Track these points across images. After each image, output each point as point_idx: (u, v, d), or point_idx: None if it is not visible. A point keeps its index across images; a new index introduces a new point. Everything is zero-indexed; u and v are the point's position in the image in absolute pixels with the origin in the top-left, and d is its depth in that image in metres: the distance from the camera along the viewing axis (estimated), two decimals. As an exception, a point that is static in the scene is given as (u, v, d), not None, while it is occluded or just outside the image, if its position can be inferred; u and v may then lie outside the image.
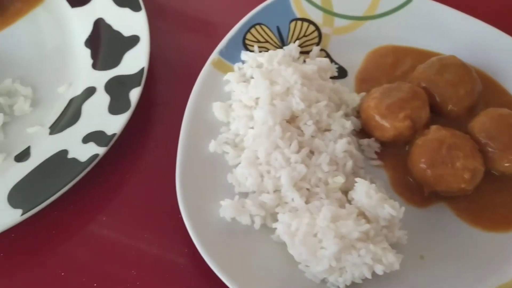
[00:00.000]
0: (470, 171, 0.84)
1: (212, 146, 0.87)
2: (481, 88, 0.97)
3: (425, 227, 0.86)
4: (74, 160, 0.84)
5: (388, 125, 0.89)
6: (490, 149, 0.89)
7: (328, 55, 1.03)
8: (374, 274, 0.76)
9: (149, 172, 0.90)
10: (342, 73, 1.02)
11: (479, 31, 1.04)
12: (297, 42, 1.00)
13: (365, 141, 0.92)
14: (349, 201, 0.83)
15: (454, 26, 1.05)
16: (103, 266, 0.82)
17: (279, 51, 0.96)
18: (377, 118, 0.90)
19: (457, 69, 0.96)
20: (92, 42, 0.99)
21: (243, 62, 0.97)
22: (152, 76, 0.99)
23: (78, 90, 0.94)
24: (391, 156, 0.93)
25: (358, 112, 0.96)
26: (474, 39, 1.03)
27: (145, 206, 0.87)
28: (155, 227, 0.85)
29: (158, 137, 0.94)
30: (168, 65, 1.02)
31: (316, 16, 1.04)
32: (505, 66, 1.01)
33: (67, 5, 1.04)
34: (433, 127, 0.90)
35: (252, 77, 0.92)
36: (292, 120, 0.89)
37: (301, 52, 1.01)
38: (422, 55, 1.03)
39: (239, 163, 0.85)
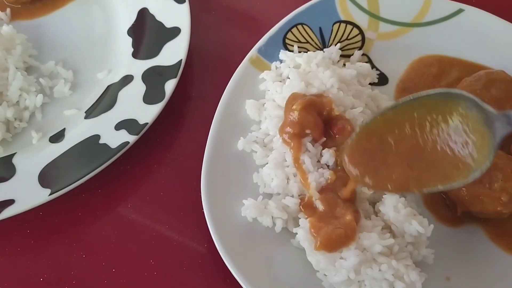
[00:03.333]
0: (508, 194, 0.79)
1: (241, 144, 0.86)
2: (530, 107, 0.91)
3: (454, 248, 0.83)
4: (105, 145, 0.85)
5: (425, 137, 0.86)
6: (533, 172, 0.84)
7: (369, 61, 1.00)
8: (394, 291, 0.73)
9: (176, 164, 0.91)
10: (382, 80, 0.99)
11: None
12: (339, 45, 0.97)
13: (399, 152, 0.89)
14: (376, 213, 0.80)
15: (506, 39, 0.99)
16: (123, 252, 0.83)
17: (319, 53, 0.94)
18: (415, 129, 0.86)
19: (505, 85, 0.91)
20: (135, 31, 1.00)
21: (281, 61, 0.95)
22: (189, 69, 1.00)
23: (116, 77, 0.95)
24: (425, 170, 0.89)
25: (396, 122, 0.92)
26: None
27: (170, 197, 0.88)
28: (177, 220, 0.86)
29: (189, 130, 0.94)
30: (206, 59, 1.02)
31: (361, 19, 1.02)
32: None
33: (115, -8, 1.06)
34: (473, 145, 0.85)
35: (288, 77, 0.91)
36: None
37: (342, 56, 0.98)
38: (469, 68, 0.99)
39: (266, 163, 0.84)
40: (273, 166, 0.82)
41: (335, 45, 0.98)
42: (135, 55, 0.97)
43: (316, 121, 0.82)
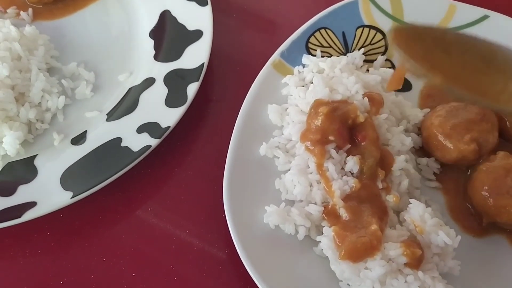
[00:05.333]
0: (536, 205, 0.78)
1: (263, 149, 0.85)
2: (559, 116, 0.90)
3: (480, 259, 0.81)
4: (127, 149, 0.84)
5: (451, 146, 0.84)
6: (563, 185, 0.82)
7: (393, 66, 0.98)
8: (419, 303, 0.72)
9: (197, 168, 0.90)
10: (406, 86, 0.97)
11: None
12: (362, 50, 0.96)
13: (424, 160, 0.87)
14: (401, 222, 0.79)
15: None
16: (143, 256, 0.82)
17: (343, 57, 0.93)
18: (440, 137, 0.85)
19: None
20: (157, 33, 1.00)
21: (304, 66, 0.94)
22: (212, 72, 0.99)
23: (138, 80, 0.95)
24: (450, 179, 0.88)
25: (419, 129, 0.91)
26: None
27: (191, 202, 0.87)
28: (197, 225, 0.85)
29: (211, 134, 0.94)
30: (228, 62, 1.02)
31: (385, 24, 1.00)
32: None
33: (136, -6, 1.05)
34: (501, 153, 0.84)
35: (311, 82, 0.90)
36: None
37: (365, 61, 0.97)
38: (494, 75, 0.97)
39: (289, 170, 0.83)
40: (296, 173, 0.81)
41: (358, 50, 0.97)
42: (157, 57, 0.97)
43: (339, 128, 0.80)
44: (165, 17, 1.01)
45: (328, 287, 0.76)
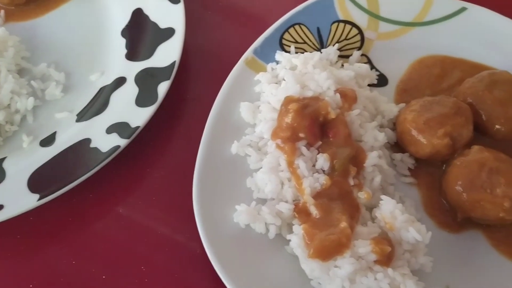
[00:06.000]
0: (511, 199, 0.76)
1: (235, 148, 0.84)
2: (535, 109, 0.88)
3: (455, 255, 0.80)
4: (96, 149, 0.83)
5: (424, 141, 0.83)
6: (540, 178, 0.81)
7: (369, 61, 0.97)
8: (390, 301, 0.71)
9: (170, 168, 0.89)
10: (382, 81, 0.96)
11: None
12: (337, 45, 0.95)
13: (398, 155, 0.86)
14: (373, 219, 0.78)
15: (511, 38, 0.96)
16: (113, 258, 0.81)
17: (316, 53, 0.91)
18: (414, 132, 0.84)
19: (508, 86, 0.88)
20: (129, 32, 0.99)
21: (278, 62, 0.93)
22: (185, 70, 0.98)
23: (109, 79, 0.94)
24: (426, 175, 0.86)
25: (394, 124, 0.90)
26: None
27: (163, 202, 0.86)
28: (170, 226, 0.84)
29: (183, 133, 0.93)
30: (203, 60, 1.00)
31: (361, 19, 0.99)
32: None
33: (109, -7, 1.04)
34: (475, 148, 0.82)
35: (284, 79, 0.88)
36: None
37: (341, 56, 0.96)
38: (472, 68, 0.96)
39: (261, 168, 0.82)
40: (267, 171, 0.80)
41: (333, 45, 0.95)
42: (129, 56, 0.95)
43: (310, 125, 0.79)
44: (137, 16, 1.00)
45: (300, 286, 0.75)
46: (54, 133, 0.88)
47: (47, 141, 0.87)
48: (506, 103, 0.86)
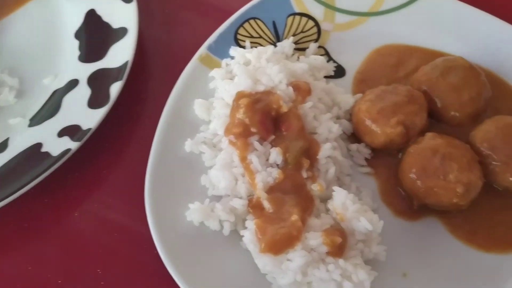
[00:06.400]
0: (464, 185, 0.77)
1: (188, 146, 0.83)
2: (490, 94, 0.88)
3: (412, 242, 0.80)
4: (47, 154, 0.82)
5: (378, 131, 0.83)
6: (492, 161, 0.81)
7: (326, 53, 0.97)
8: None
9: (126, 169, 0.88)
10: (340, 72, 0.96)
11: (496, 30, 0.95)
12: (292, 38, 0.94)
13: (354, 146, 0.86)
14: (327, 211, 0.77)
15: (467, 24, 0.96)
16: (69, 263, 0.80)
17: (269, 47, 0.91)
18: (368, 122, 0.84)
19: (463, 72, 0.88)
20: (82, 33, 0.98)
21: (232, 58, 0.92)
22: (140, 70, 0.97)
23: (62, 82, 0.93)
24: (382, 164, 0.86)
25: (351, 115, 0.89)
26: (489, 39, 0.95)
27: (119, 204, 0.85)
28: (127, 228, 0.83)
29: (139, 133, 0.92)
30: (156, 59, 1.00)
31: (316, 11, 0.99)
32: (523, 70, 0.92)
33: (62, -5, 1.03)
34: (428, 135, 0.82)
35: (236, 74, 0.88)
36: (275, 121, 0.84)
37: (298, 49, 0.95)
38: (428, 56, 0.95)
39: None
40: (220, 167, 0.79)
41: (289, 38, 0.95)
42: (82, 58, 0.94)
43: (262, 119, 0.79)
44: (90, 17, 0.98)
45: (256, 281, 0.74)
46: (7, 139, 0.87)
47: (0, 148, 0.86)
48: (460, 89, 0.86)
